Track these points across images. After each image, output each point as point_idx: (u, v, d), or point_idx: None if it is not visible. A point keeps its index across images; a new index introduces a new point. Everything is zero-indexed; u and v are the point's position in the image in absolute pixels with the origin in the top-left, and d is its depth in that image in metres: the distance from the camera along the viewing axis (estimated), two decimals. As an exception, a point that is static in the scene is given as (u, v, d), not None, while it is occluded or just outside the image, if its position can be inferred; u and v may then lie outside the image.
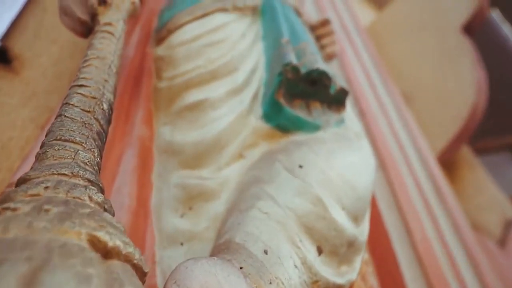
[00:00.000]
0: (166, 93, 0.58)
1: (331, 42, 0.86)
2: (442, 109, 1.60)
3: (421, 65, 1.74)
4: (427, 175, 1.38)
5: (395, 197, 1.18)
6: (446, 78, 1.67)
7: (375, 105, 1.34)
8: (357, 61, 1.48)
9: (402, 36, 1.93)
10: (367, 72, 1.47)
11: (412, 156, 1.37)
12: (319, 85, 0.56)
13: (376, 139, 1.22)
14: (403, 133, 1.36)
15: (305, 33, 0.69)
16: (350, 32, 1.61)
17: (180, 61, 0.60)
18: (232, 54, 0.60)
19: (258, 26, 0.71)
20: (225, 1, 0.71)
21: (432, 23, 1.81)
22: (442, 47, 1.73)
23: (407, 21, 1.94)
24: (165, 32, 0.68)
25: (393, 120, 1.39)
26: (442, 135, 1.56)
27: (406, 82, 1.72)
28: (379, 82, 1.50)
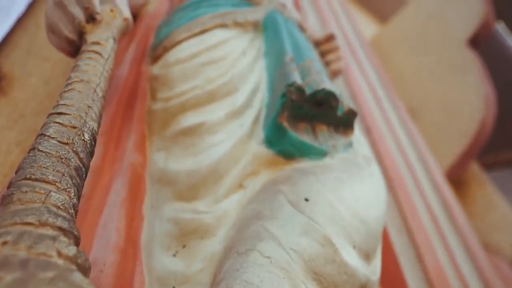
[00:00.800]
0: (161, 116, 0.54)
1: (336, 58, 0.82)
2: (449, 124, 1.56)
3: (427, 79, 1.70)
4: (436, 193, 1.33)
5: (403, 219, 1.13)
6: (453, 92, 1.63)
7: (381, 121, 1.30)
8: (362, 75, 1.44)
9: (406, 49, 1.90)
10: (372, 87, 1.43)
11: (420, 174, 1.32)
12: (326, 106, 0.52)
13: (382, 156, 1.17)
14: (410, 150, 1.31)
15: (309, 49, 0.65)
16: (354, 46, 1.58)
17: (176, 81, 0.56)
18: (232, 73, 0.56)
19: (260, 42, 0.67)
20: (225, 16, 0.68)
21: (437, 36, 1.77)
22: (447, 61, 1.69)
23: (411, 34, 1.91)
24: (161, 50, 0.65)
25: (400, 136, 1.34)
26: (450, 151, 1.51)
27: (412, 96, 1.68)
28: (384, 97, 1.46)
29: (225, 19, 0.67)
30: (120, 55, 0.68)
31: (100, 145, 0.50)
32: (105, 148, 0.50)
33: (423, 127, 1.62)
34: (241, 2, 0.74)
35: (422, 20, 1.88)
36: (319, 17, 1.59)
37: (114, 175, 0.48)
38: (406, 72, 1.77)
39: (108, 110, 0.57)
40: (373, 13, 2.54)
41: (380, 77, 1.55)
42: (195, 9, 0.71)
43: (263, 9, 0.73)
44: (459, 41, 1.68)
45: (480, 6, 1.68)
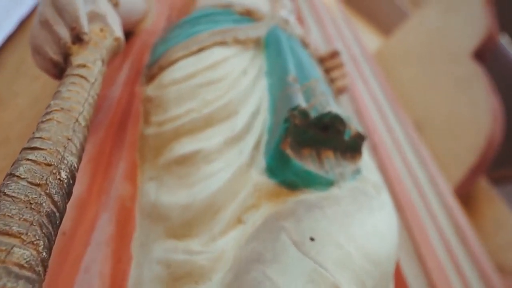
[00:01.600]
0: (154, 142, 0.50)
1: (341, 75, 0.79)
2: (456, 138, 1.51)
3: (432, 92, 1.66)
4: (446, 213, 1.28)
5: (413, 240, 1.08)
6: (459, 106, 1.59)
7: (388, 138, 1.26)
8: (367, 90, 1.40)
9: (410, 62, 1.86)
10: (378, 101, 1.39)
11: (428, 192, 1.27)
12: (332, 130, 0.48)
13: (389, 174, 1.12)
14: (418, 167, 1.26)
15: (313, 68, 0.61)
16: (358, 60, 1.55)
17: (171, 103, 0.52)
18: (231, 95, 0.52)
19: (261, 61, 0.64)
20: (224, 33, 0.64)
21: (441, 49, 1.74)
22: (453, 74, 1.65)
23: (415, 47, 1.87)
24: (156, 69, 0.61)
25: (407, 153, 1.30)
26: (458, 167, 1.46)
27: (417, 110, 1.64)
28: (390, 112, 1.41)
29: (225, 36, 0.63)
30: (113, 74, 0.65)
31: (86, 174, 0.46)
32: (92, 178, 0.46)
33: (429, 140, 1.57)
34: (242, 18, 0.71)
35: (425, 33, 1.85)
36: (322, 31, 1.56)
37: (101, 209, 0.43)
38: (411, 85, 1.74)
39: (97, 134, 0.53)
40: (376, 26, 2.52)
41: (385, 91, 1.52)
42: (193, 25, 0.68)
43: (265, 25, 0.70)
44: (464, 54, 1.65)
45: (483, 19, 1.65)
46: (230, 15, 0.71)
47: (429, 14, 1.88)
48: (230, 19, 0.69)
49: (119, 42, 0.49)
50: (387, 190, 1.10)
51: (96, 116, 0.56)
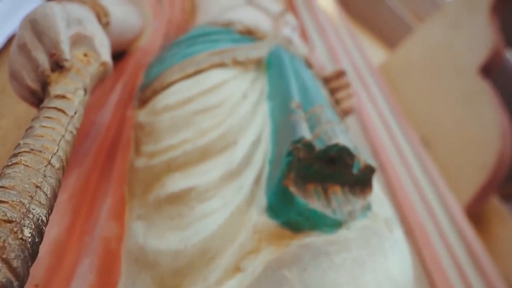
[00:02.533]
0: (144, 175, 0.46)
1: (347, 95, 0.74)
2: (465, 155, 1.46)
3: (439, 107, 1.61)
4: (457, 235, 1.22)
5: (423, 263, 1.02)
6: (466, 122, 1.54)
7: (396, 156, 1.21)
8: (372, 105, 1.36)
9: (415, 76, 1.82)
10: (384, 117, 1.34)
11: (438, 212, 1.21)
12: (339, 164, 0.43)
13: (397, 194, 1.07)
14: (427, 186, 1.21)
15: (318, 92, 0.57)
16: (363, 74, 1.51)
17: (163, 132, 0.48)
18: (229, 123, 0.48)
19: (263, 83, 0.60)
20: (223, 54, 0.60)
21: (447, 64, 1.70)
22: (459, 89, 1.60)
23: (420, 61, 1.83)
24: (150, 92, 0.57)
25: (416, 172, 1.25)
26: (468, 185, 1.40)
27: (424, 125, 1.59)
28: (397, 128, 1.37)
29: (224, 57, 0.59)
30: (103, 97, 0.61)
31: (67, 212, 0.42)
32: (73, 217, 0.42)
33: (437, 157, 1.52)
34: (243, 37, 0.67)
35: (430, 48, 1.81)
36: (326, 45, 1.52)
37: (82, 253, 0.39)
38: (417, 100, 1.69)
39: (82, 166, 0.49)
40: (380, 39, 2.49)
41: (391, 106, 1.47)
42: (190, 45, 0.64)
43: (267, 44, 0.66)
44: (470, 69, 1.60)
45: (489, 34, 1.61)
46: (229, 34, 0.67)
47: (433, 28, 1.85)
48: (229, 38, 0.65)
49: (106, 67, 0.44)
50: (395, 210, 1.04)
51: (82, 145, 0.52)
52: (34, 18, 0.40)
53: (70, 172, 0.48)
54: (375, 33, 2.51)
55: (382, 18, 2.48)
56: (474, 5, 1.67)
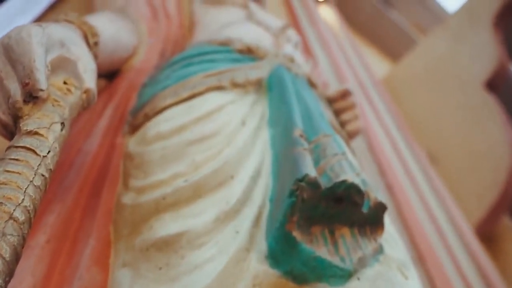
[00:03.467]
0: (131, 214, 0.41)
1: (353, 117, 0.70)
2: (474, 173, 1.40)
3: (445, 122, 1.56)
4: (467, 253, 1.16)
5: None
6: (474, 137, 1.49)
7: (403, 175, 1.16)
8: (378, 122, 1.31)
9: (420, 90, 1.78)
10: (390, 134, 1.30)
11: (449, 234, 1.16)
12: (347, 202, 0.39)
13: (406, 217, 1.02)
14: (435, 206, 1.15)
15: (323, 118, 0.52)
16: (368, 90, 1.47)
17: (154, 165, 0.44)
18: (226, 154, 0.44)
19: (263, 106, 0.55)
20: (221, 75, 0.56)
21: (452, 78, 1.65)
22: (465, 104, 1.56)
23: (424, 74, 1.79)
24: (141, 118, 0.53)
25: (424, 190, 1.19)
26: (478, 204, 1.35)
27: (430, 140, 1.54)
28: (403, 145, 1.32)
29: (221, 79, 0.55)
30: (91, 122, 0.57)
31: (44, 259, 0.37)
32: (50, 264, 0.37)
33: (444, 174, 1.46)
34: (242, 57, 0.63)
35: (433, 60, 1.77)
36: (330, 59, 1.49)
37: (58, 309, 0.34)
38: (422, 114, 1.64)
39: (66, 201, 0.44)
40: (383, 52, 2.46)
41: (397, 122, 1.42)
42: (185, 66, 0.60)
43: (268, 64, 0.62)
44: (476, 84, 1.56)
45: (493, 48, 1.57)
46: (228, 53, 0.63)
47: (436, 41, 1.81)
48: (227, 58, 0.61)
49: (90, 95, 0.40)
50: (406, 236, 0.99)
51: (65, 177, 0.48)
52: (8, 42, 0.35)
53: (50, 208, 0.44)
54: (378, 45, 2.49)
55: (384, 30, 2.45)
56: (476, 19, 1.64)
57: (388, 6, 2.54)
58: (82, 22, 0.50)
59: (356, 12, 2.39)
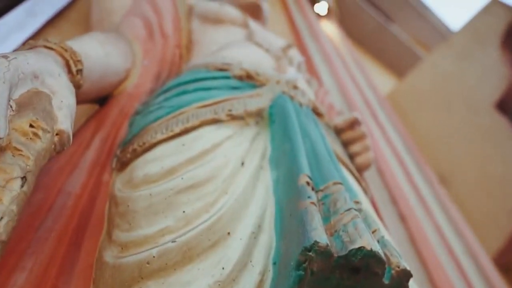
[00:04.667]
0: (111, 277, 0.35)
1: (363, 149, 0.64)
2: (490, 198, 1.33)
3: (456, 144, 1.50)
4: (486, 286, 1.09)
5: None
6: (487, 160, 1.42)
7: (416, 202, 1.09)
8: (387, 144, 1.25)
9: (427, 107, 1.72)
10: (399, 157, 1.23)
11: (465, 263, 1.08)
12: (365, 273, 0.33)
13: (420, 247, 0.95)
14: (452, 236, 1.08)
15: (331, 158, 0.46)
16: (375, 109, 1.41)
17: (139, 217, 0.38)
18: (222, 207, 0.38)
19: (265, 142, 0.50)
20: (217, 106, 0.50)
21: (460, 96, 1.59)
22: (475, 125, 1.49)
23: (430, 91, 1.74)
24: (130, 153, 0.47)
25: (439, 221, 1.12)
26: (497, 233, 1.27)
27: (441, 162, 1.48)
28: (415, 171, 1.25)
29: (218, 110, 0.49)
30: (76, 156, 0.51)
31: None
32: None
33: (458, 199, 1.39)
34: (240, 84, 0.57)
35: (440, 78, 1.71)
36: (334, 76, 1.44)
37: None
38: (430, 133, 1.58)
39: (40, 255, 0.39)
40: (385, 65, 2.41)
41: (407, 144, 1.36)
42: (179, 93, 0.54)
43: (270, 91, 0.56)
44: (486, 104, 1.49)
45: (501, 68, 1.51)
46: (226, 79, 0.58)
47: (441, 59, 1.76)
48: (225, 85, 0.56)
49: (64, 137, 0.35)
50: (420, 269, 0.92)
51: (41, 225, 0.42)
52: (-35, 80, 0.30)
53: (21, 265, 0.38)
54: (379, 59, 2.44)
55: (386, 45, 2.41)
56: (482, 38, 1.59)
57: (389, 21, 2.51)
58: (63, 48, 0.45)
59: (357, 27, 2.36)
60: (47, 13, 0.96)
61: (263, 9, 1.02)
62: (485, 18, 1.52)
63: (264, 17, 1.05)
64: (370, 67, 2.20)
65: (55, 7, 0.99)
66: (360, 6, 2.37)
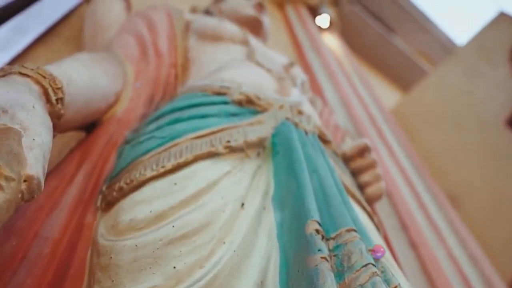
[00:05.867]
0: None
1: (374, 178, 0.59)
2: (504, 221, 1.27)
3: (466, 162, 1.44)
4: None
5: None
6: (499, 179, 1.36)
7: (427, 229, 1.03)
8: (394, 164, 1.20)
9: (433, 123, 1.67)
10: (408, 178, 1.18)
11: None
12: None
13: (434, 278, 0.89)
14: (466, 264, 1.02)
15: (343, 199, 0.41)
16: (380, 125, 1.36)
17: (123, 273, 0.33)
18: (218, 259, 0.33)
19: (267, 177, 0.45)
20: (213, 137, 0.45)
21: (469, 113, 1.54)
22: (486, 142, 1.44)
23: (437, 106, 1.69)
24: (116, 192, 0.42)
25: (453, 249, 1.06)
26: (509, 255, 1.21)
27: (451, 181, 1.42)
28: (423, 189, 1.20)
29: (214, 141, 0.44)
30: (57, 193, 0.46)
31: None
32: None
33: (468, 219, 1.33)
34: (240, 110, 0.52)
35: (447, 94, 1.66)
36: (337, 92, 1.39)
37: None
38: (439, 151, 1.53)
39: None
40: (391, 80, 2.37)
41: (414, 162, 1.31)
42: (173, 122, 0.49)
43: (272, 118, 0.51)
44: (496, 121, 1.44)
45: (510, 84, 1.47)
46: (224, 105, 0.53)
47: (448, 74, 1.72)
48: (223, 111, 0.51)
49: (33, 184, 0.29)
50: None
51: (15, 275, 0.37)
52: None
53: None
54: (383, 73, 2.41)
55: (389, 57, 2.37)
56: (490, 52, 1.54)
57: (391, 33, 2.48)
58: (41, 75, 0.40)
59: (359, 39, 2.32)
60: (37, 30, 0.92)
61: (264, 24, 0.98)
62: (492, 32, 1.48)
63: (265, 32, 1.00)
64: (373, 80, 2.16)
65: (46, 23, 0.94)
66: (361, 18, 2.34)
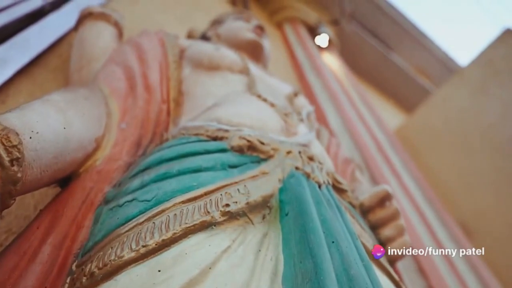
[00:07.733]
0: None
1: (397, 232, 0.50)
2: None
3: (476, 187, 1.35)
4: None
5: None
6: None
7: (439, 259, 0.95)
8: (403, 191, 1.12)
9: (440, 145, 1.59)
10: (417, 206, 1.10)
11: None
12: None
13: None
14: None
15: (372, 280, 0.33)
16: (385, 149, 1.29)
17: None
18: None
19: (275, 249, 0.36)
20: (208, 198, 0.37)
21: (479, 135, 1.46)
22: (498, 166, 1.35)
23: (444, 128, 1.61)
24: (86, 277, 0.33)
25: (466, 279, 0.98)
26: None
27: (461, 208, 1.33)
28: (434, 219, 1.12)
29: (210, 206, 0.36)
30: (16, 273, 0.37)
31: None
32: None
33: (480, 246, 1.24)
34: (241, 159, 0.44)
35: (454, 114, 1.59)
36: (340, 114, 1.32)
37: None
38: (448, 176, 1.44)
39: None
40: (392, 98, 2.31)
41: (423, 189, 1.23)
42: (159, 178, 0.41)
43: (279, 167, 0.43)
44: (509, 144, 1.37)
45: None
46: (221, 153, 0.44)
47: (454, 93, 1.64)
48: (220, 162, 0.43)
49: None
50: None
51: None
52: None
53: None
54: (384, 91, 2.35)
55: (390, 77, 2.32)
56: (498, 70, 1.48)
57: (391, 51, 2.43)
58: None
59: (359, 58, 2.27)
60: (21, 60, 0.84)
61: (264, 48, 0.91)
62: (499, 50, 1.42)
63: (266, 57, 0.93)
64: (373, 99, 2.10)
65: (31, 53, 0.87)
66: (361, 36, 2.30)
